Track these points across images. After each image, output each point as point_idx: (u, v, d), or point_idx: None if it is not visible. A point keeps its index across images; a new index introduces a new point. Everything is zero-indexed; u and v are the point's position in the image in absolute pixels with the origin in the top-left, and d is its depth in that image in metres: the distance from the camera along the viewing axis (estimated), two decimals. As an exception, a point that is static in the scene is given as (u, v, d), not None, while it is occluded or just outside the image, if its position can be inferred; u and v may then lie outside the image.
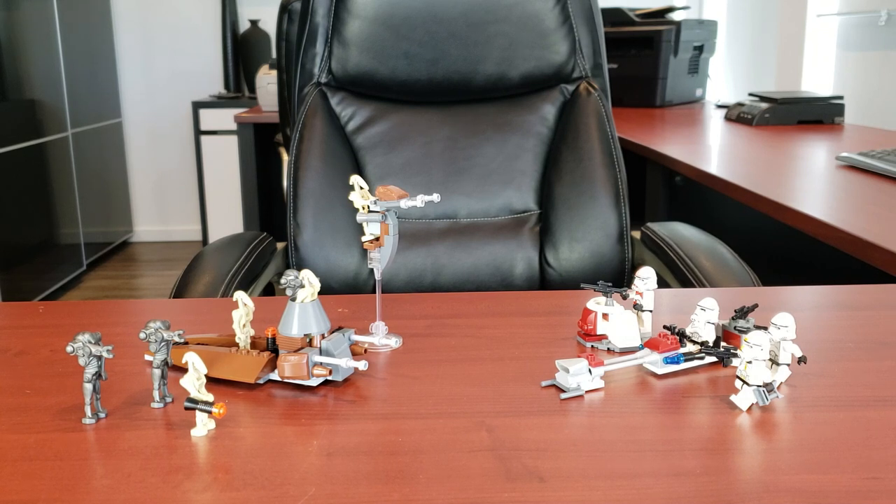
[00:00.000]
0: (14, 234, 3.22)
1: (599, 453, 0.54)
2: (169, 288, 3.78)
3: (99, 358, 0.59)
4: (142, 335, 0.61)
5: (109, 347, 0.59)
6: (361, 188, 0.74)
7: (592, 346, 0.74)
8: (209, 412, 0.57)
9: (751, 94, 2.52)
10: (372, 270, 1.22)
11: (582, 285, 0.76)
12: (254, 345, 0.70)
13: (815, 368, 0.68)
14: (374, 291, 1.23)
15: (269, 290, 1.30)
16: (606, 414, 0.60)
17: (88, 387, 0.59)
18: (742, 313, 0.72)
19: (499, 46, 1.30)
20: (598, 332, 0.74)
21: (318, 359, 0.64)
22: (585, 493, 0.49)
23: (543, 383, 0.66)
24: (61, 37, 3.70)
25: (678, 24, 2.93)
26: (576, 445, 0.55)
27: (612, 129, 1.31)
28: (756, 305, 0.73)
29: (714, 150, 1.88)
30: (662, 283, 1.16)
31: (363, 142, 1.31)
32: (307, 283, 0.66)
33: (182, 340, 0.61)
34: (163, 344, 0.61)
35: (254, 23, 4.34)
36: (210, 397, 0.57)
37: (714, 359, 0.70)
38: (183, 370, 0.69)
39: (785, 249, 1.91)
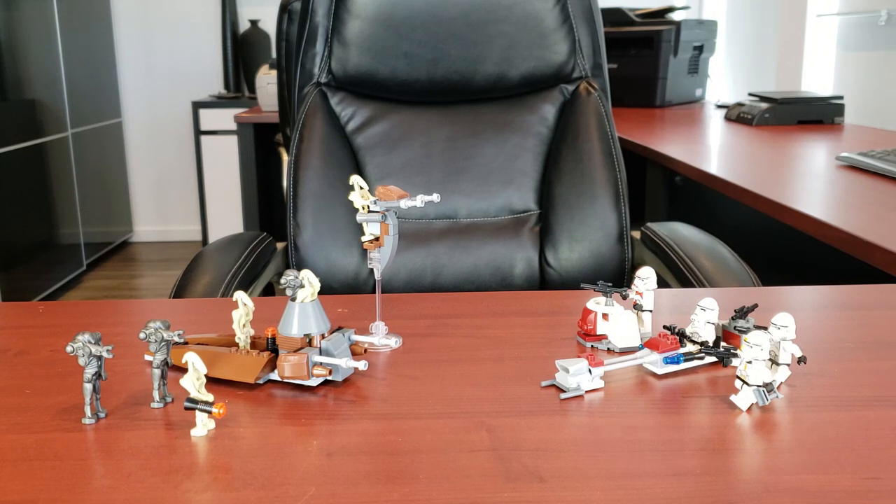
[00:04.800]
0: (14, 234, 3.22)
1: (599, 453, 0.54)
2: (169, 288, 3.79)
3: (99, 358, 0.59)
4: (142, 335, 0.61)
5: (109, 347, 0.59)
6: (361, 188, 0.74)
7: (592, 346, 0.74)
8: (209, 412, 0.57)
9: (751, 94, 2.52)
10: (372, 270, 1.22)
11: (582, 285, 0.76)
12: (254, 345, 0.70)
13: (815, 368, 0.68)
14: (374, 291, 1.23)
15: (269, 290, 1.30)
16: (606, 414, 0.60)
17: (88, 387, 0.59)
18: (742, 313, 0.72)
19: (499, 46, 1.30)
20: (598, 332, 0.74)
21: (318, 359, 0.64)
22: (585, 493, 0.49)
23: (543, 383, 0.66)
24: (61, 37, 3.70)
25: (678, 24, 2.93)
26: (576, 445, 0.55)
27: (612, 129, 1.31)
28: (756, 305, 0.73)
29: (714, 150, 1.88)
30: (662, 283, 1.16)
31: (363, 142, 1.31)
32: (307, 283, 0.66)
33: (182, 340, 0.61)
34: (163, 344, 0.61)
35: (254, 23, 4.34)
36: (210, 397, 0.57)
37: (714, 359, 0.70)
38: (183, 370, 0.69)
39: (785, 249, 1.91)
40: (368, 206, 0.74)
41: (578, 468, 0.52)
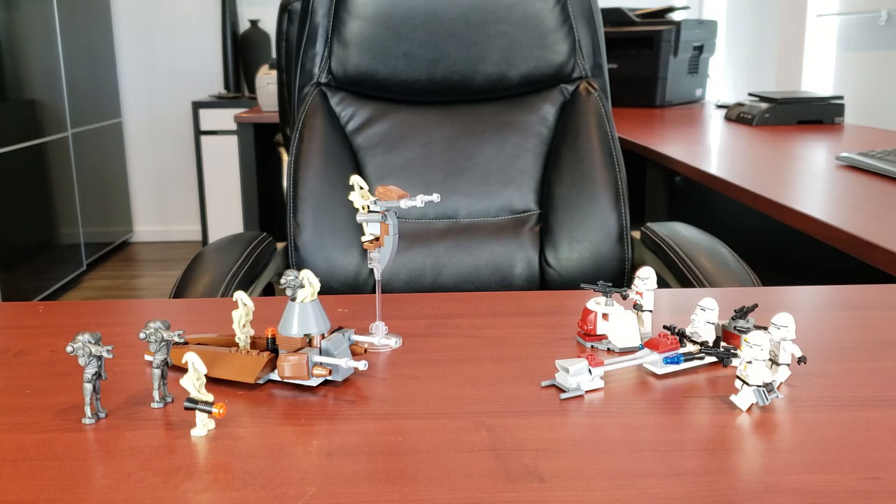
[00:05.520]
0: (14, 234, 3.22)
1: (599, 453, 0.54)
2: (169, 288, 3.79)
3: (99, 358, 0.59)
4: (142, 335, 0.61)
5: (109, 347, 0.59)
6: (361, 188, 0.74)
7: (592, 346, 0.74)
8: (209, 412, 0.57)
9: (751, 94, 2.52)
10: (372, 270, 1.22)
11: (582, 285, 0.76)
12: (254, 345, 0.70)
13: (815, 368, 0.68)
14: (374, 291, 1.23)
15: (269, 290, 1.30)
16: (606, 414, 0.60)
17: (88, 387, 0.59)
18: (742, 313, 0.72)
19: (499, 46, 1.30)
20: (598, 332, 0.74)
21: (318, 359, 0.64)
22: (585, 493, 0.49)
23: (543, 383, 0.66)
24: (61, 37, 3.70)
25: (678, 24, 2.93)
26: (576, 445, 0.55)
27: (612, 129, 1.31)
28: (756, 305, 0.73)
29: (714, 150, 1.88)
30: (662, 283, 1.16)
31: (363, 142, 1.31)
32: (307, 283, 0.66)
33: (182, 340, 0.61)
34: (163, 344, 0.61)
35: (254, 23, 4.34)
36: (210, 397, 0.57)
37: (714, 359, 0.70)
38: (183, 370, 0.69)
39: (785, 249, 1.91)
40: (368, 206, 0.74)
41: (578, 468, 0.52)
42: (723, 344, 0.71)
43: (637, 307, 0.76)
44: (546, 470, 0.52)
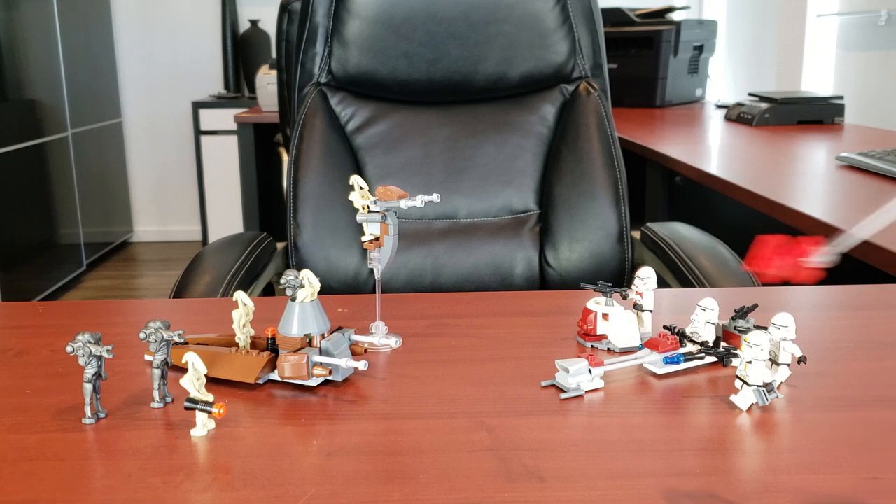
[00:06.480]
0: (14, 234, 3.22)
1: (599, 453, 0.54)
2: (169, 288, 3.78)
3: (99, 358, 0.59)
4: (142, 335, 0.61)
5: (109, 347, 0.59)
6: (361, 188, 0.74)
7: (592, 346, 0.74)
8: (209, 412, 0.57)
9: (751, 94, 2.52)
10: (372, 270, 1.22)
11: (582, 285, 0.76)
12: (254, 345, 0.70)
13: (815, 368, 0.68)
14: (374, 291, 1.23)
15: (269, 290, 1.30)
16: (606, 414, 0.60)
17: (88, 387, 0.59)
18: (742, 313, 0.72)
19: (499, 46, 1.30)
20: (598, 332, 0.74)
21: (318, 359, 0.64)
22: (585, 493, 0.49)
23: (543, 383, 0.66)
24: (61, 37, 3.70)
25: (678, 24, 2.93)
26: (576, 445, 0.55)
27: (612, 129, 1.31)
28: (756, 305, 0.73)
29: (714, 150, 1.88)
30: (662, 283, 1.16)
31: (363, 142, 1.31)
32: (307, 283, 0.66)
33: (182, 340, 0.61)
34: (163, 344, 0.61)
35: (254, 23, 4.34)
36: (210, 397, 0.57)
37: (714, 359, 0.70)
38: (183, 370, 0.69)
39: (785, 249, 1.90)
40: (368, 206, 0.74)
41: (578, 468, 0.52)
42: (723, 344, 0.71)
43: (637, 307, 0.76)
44: (546, 470, 0.52)
